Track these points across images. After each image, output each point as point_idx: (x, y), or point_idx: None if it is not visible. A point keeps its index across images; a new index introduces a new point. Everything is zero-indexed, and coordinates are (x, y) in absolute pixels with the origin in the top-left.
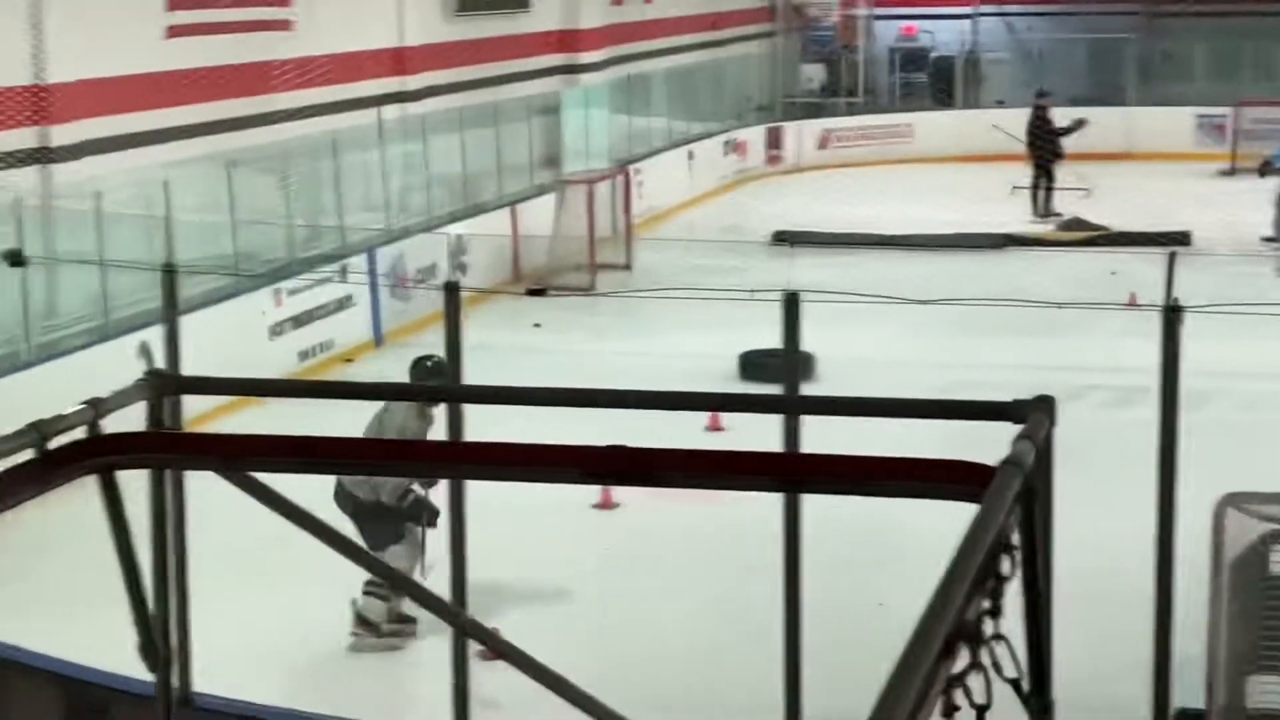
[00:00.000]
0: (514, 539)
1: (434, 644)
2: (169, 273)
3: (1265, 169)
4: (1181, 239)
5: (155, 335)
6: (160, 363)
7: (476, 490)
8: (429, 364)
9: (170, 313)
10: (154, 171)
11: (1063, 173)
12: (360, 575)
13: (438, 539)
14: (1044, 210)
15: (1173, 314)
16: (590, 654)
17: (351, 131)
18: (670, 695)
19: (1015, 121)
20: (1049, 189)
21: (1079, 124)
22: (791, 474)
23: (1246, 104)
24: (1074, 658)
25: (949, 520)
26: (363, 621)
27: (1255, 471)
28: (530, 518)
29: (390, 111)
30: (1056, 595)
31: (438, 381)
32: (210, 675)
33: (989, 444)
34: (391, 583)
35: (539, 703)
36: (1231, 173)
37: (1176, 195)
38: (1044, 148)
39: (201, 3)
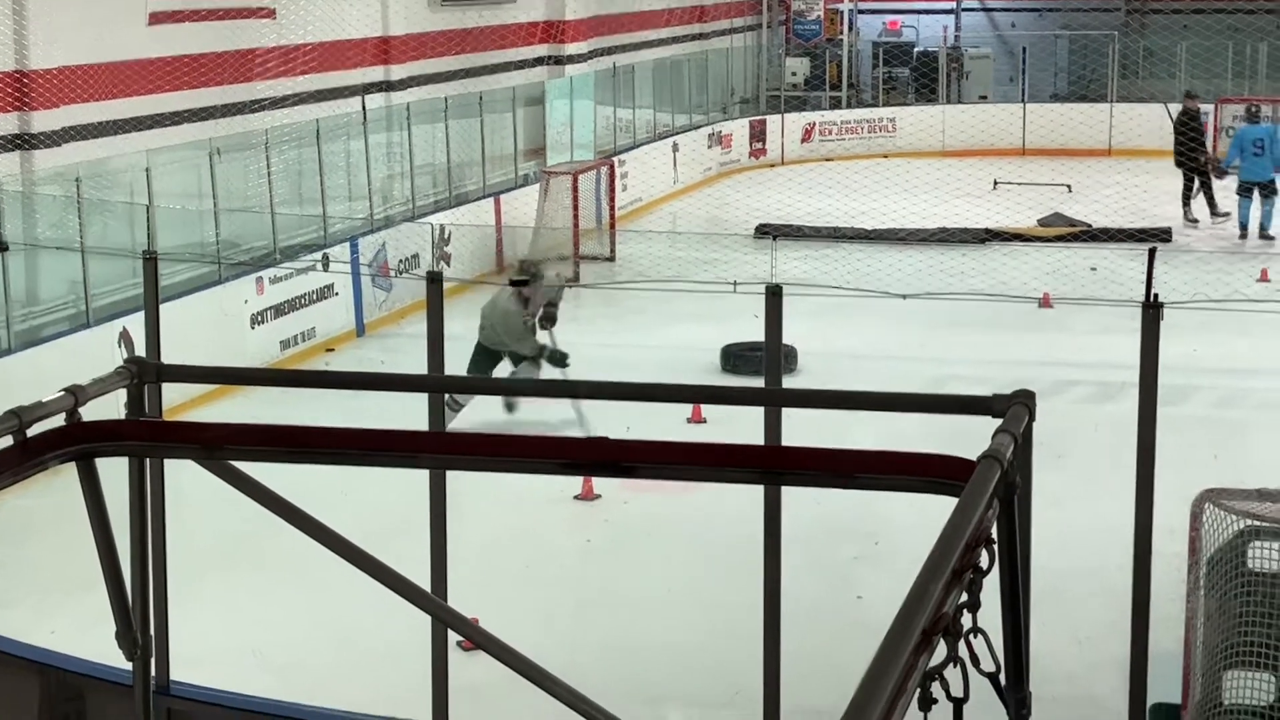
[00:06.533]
0: (495, 529)
1: (413, 634)
2: (150, 260)
3: (1211, 165)
4: (1162, 235)
5: (136, 323)
6: (140, 350)
7: (458, 481)
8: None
9: (151, 300)
10: (136, 158)
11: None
12: (344, 572)
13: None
14: (1212, 210)
15: (1153, 310)
16: (570, 645)
17: (334, 120)
18: (650, 686)
19: (1000, 115)
20: (1207, 187)
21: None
22: (772, 466)
23: (1227, 101)
24: (1052, 651)
25: (928, 513)
26: None
27: (1232, 467)
28: (511, 508)
29: (374, 100)
30: (1034, 589)
31: (529, 283)
32: (188, 664)
33: (972, 438)
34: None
35: (518, 693)
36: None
37: (1157, 192)
38: (1192, 151)
39: None
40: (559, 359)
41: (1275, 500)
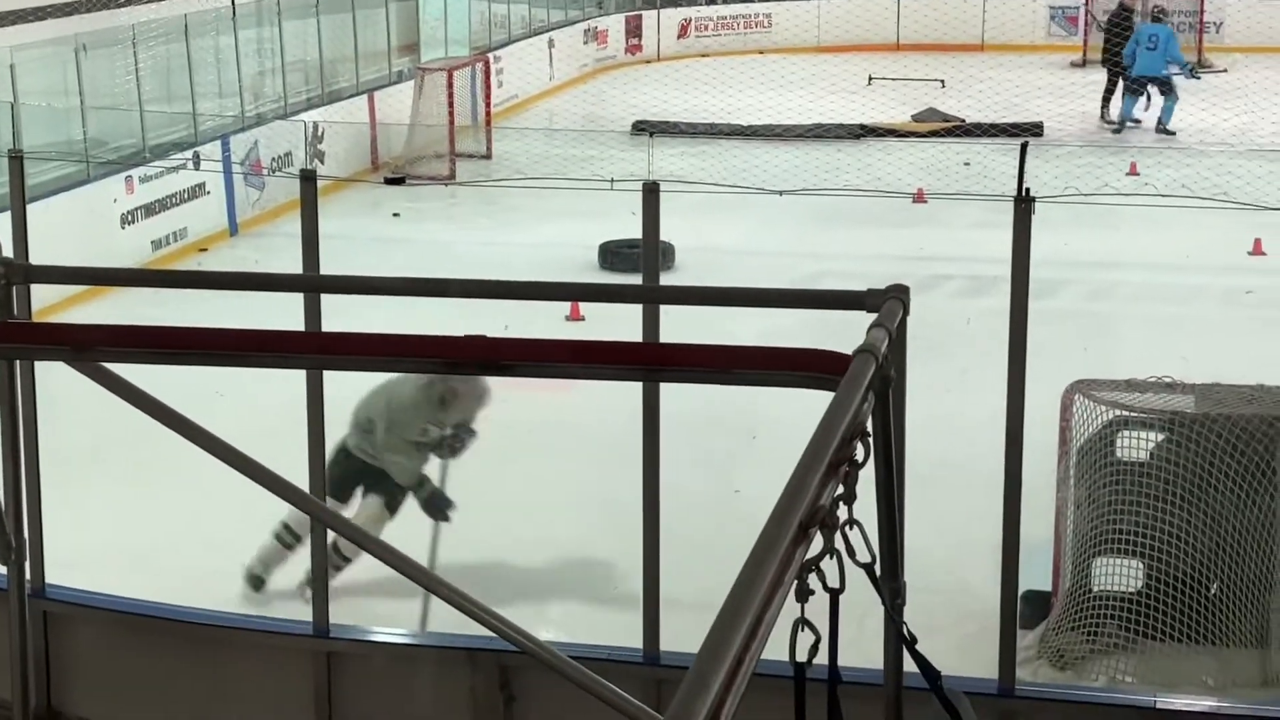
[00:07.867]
0: None
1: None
2: (16, 159)
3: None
4: (1034, 130)
5: (2, 223)
6: (8, 251)
7: (334, 381)
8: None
9: (17, 200)
10: None
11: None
12: (221, 474)
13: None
14: (1103, 114)
15: (1024, 204)
16: (450, 543)
17: (203, 15)
18: (531, 583)
19: (874, 10)
20: (1111, 91)
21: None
22: (651, 363)
23: None
24: (925, 542)
25: (805, 407)
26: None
27: (1101, 359)
28: None
29: None
30: (909, 481)
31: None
32: (64, 568)
33: (848, 333)
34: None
35: (398, 592)
36: (1083, 64)
37: (1029, 87)
38: (1120, 52)
39: None
40: (440, 506)
41: (1143, 391)
